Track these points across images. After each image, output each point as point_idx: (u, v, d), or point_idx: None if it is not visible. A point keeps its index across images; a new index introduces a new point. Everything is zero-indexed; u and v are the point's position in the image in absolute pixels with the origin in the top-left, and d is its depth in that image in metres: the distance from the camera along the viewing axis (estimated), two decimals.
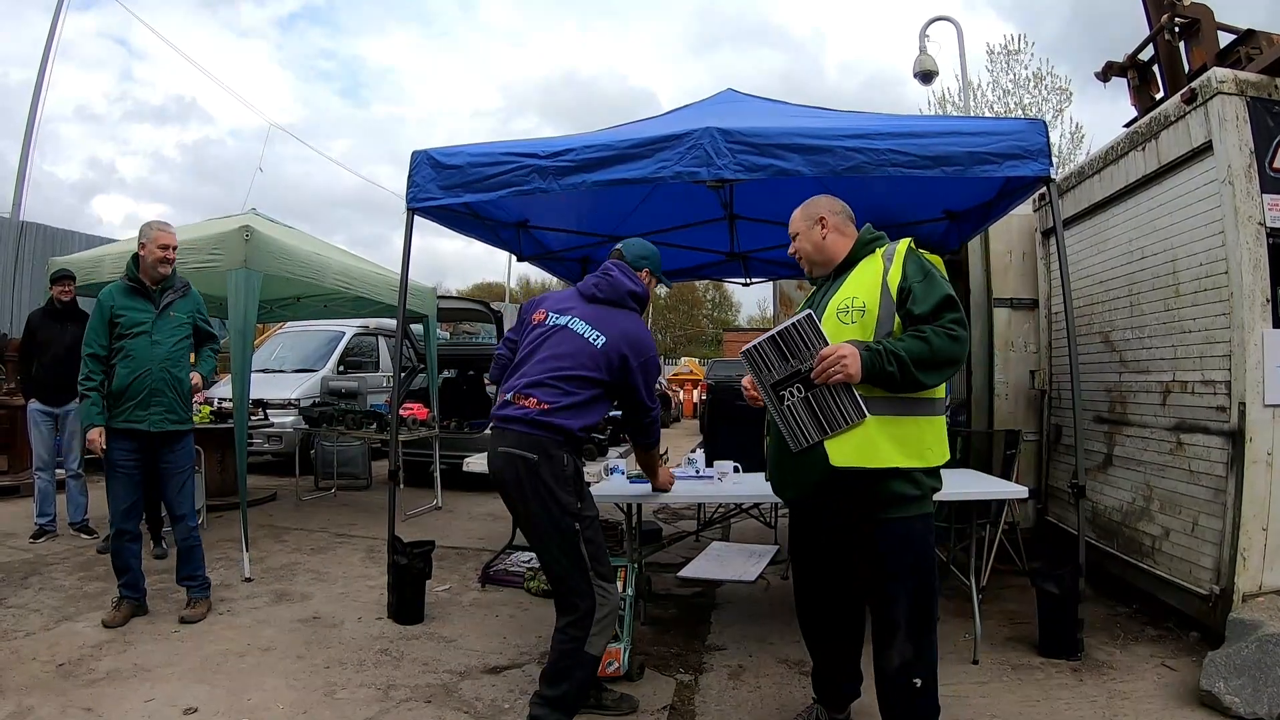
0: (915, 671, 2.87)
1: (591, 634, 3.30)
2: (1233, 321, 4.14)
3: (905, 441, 2.81)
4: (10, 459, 8.55)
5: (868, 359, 2.69)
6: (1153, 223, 4.87)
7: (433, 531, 6.80)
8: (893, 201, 6.18)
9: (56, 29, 14.06)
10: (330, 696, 3.79)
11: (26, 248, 12.49)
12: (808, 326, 2.74)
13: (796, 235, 3.22)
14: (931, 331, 2.73)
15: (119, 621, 4.64)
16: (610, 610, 3.38)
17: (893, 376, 2.69)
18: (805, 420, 2.81)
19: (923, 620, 2.90)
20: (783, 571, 5.85)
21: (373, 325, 12.77)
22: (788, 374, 2.81)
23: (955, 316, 2.77)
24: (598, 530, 3.43)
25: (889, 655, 2.90)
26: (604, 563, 3.41)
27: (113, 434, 4.64)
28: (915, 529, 2.88)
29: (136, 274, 4.78)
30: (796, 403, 2.81)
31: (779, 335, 2.79)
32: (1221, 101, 4.18)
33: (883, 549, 2.87)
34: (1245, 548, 4.02)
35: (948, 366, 2.78)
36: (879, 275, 2.90)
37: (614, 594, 3.43)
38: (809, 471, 2.90)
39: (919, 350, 2.70)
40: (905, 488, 2.82)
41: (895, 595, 2.89)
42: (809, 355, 2.74)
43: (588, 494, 3.49)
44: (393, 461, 5.36)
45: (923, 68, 12.26)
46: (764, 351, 2.83)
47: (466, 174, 4.67)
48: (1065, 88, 20.43)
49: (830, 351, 2.70)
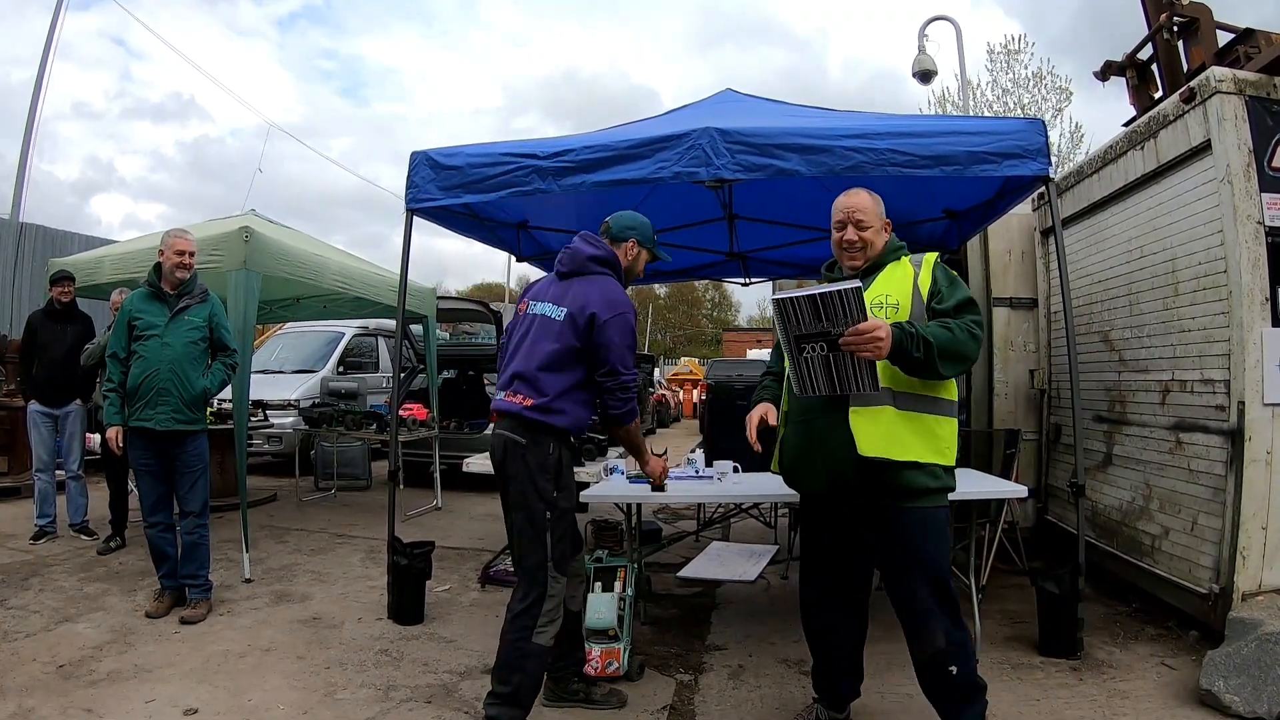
0: (949, 659, 2.97)
1: (539, 625, 3.32)
2: (1232, 320, 4.14)
3: (927, 437, 2.96)
4: (10, 460, 8.55)
5: (898, 338, 2.78)
6: (1152, 222, 4.88)
7: (433, 532, 6.81)
8: (892, 201, 6.11)
9: (56, 29, 14.06)
10: (331, 697, 3.79)
11: (26, 248, 12.47)
12: (853, 298, 2.74)
13: (865, 226, 3.18)
14: (956, 325, 2.89)
15: (162, 612, 4.84)
16: (556, 603, 3.39)
17: (917, 361, 2.82)
18: (819, 375, 2.90)
19: (945, 604, 3.00)
20: (782, 571, 5.86)
21: (372, 326, 12.76)
22: (816, 331, 2.83)
23: (976, 317, 2.97)
24: (570, 525, 3.49)
25: (921, 645, 3.02)
26: (566, 558, 3.44)
27: (130, 433, 4.82)
28: (934, 518, 3.01)
29: (157, 280, 4.94)
30: (815, 358, 2.88)
31: (820, 297, 2.78)
32: (1220, 100, 4.19)
33: (904, 537, 2.99)
34: (1245, 546, 4.02)
35: (964, 360, 2.95)
36: (910, 278, 3.08)
37: (560, 587, 3.42)
38: (833, 462, 2.99)
39: (944, 339, 2.83)
40: (926, 480, 2.96)
41: (916, 582, 2.99)
42: (844, 323, 2.76)
43: (569, 487, 3.50)
44: (392, 462, 5.36)
45: (921, 68, 12.26)
46: (799, 306, 2.84)
47: (466, 175, 4.67)
48: (1065, 87, 20.46)
49: (869, 327, 2.73)
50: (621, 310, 3.43)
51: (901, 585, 3.04)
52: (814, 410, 3.05)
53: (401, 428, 7.41)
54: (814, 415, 3.06)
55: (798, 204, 6.26)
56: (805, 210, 6.42)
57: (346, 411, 8.44)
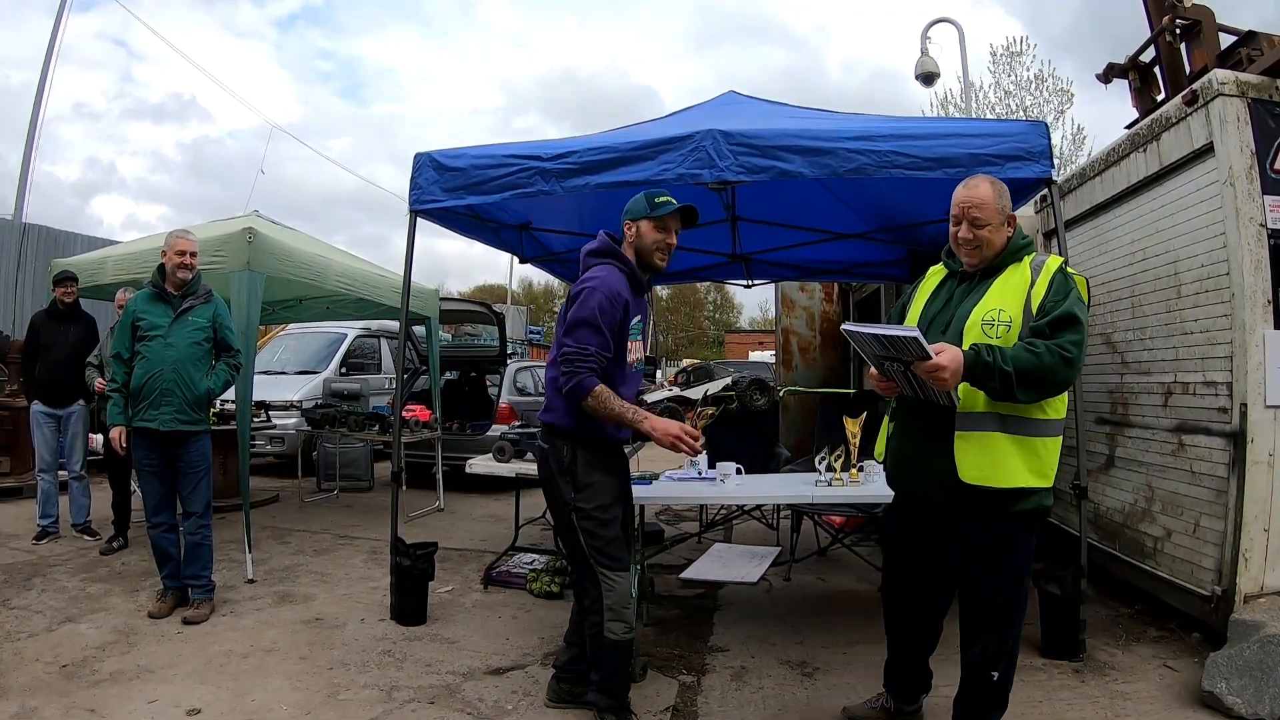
0: (996, 664, 3.00)
1: (606, 620, 3.38)
2: (1234, 323, 4.14)
3: (1031, 459, 2.85)
4: (13, 460, 8.57)
5: (970, 365, 2.70)
6: (1154, 224, 4.87)
7: (435, 533, 6.81)
8: (896, 203, 6.19)
9: (59, 33, 14.11)
10: (333, 697, 3.80)
11: (29, 249, 12.51)
12: (911, 345, 2.69)
13: (982, 224, 3.00)
14: (1045, 348, 2.70)
15: (165, 612, 4.87)
16: (618, 598, 3.40)
17: (993, 390, 2.72)
18: (903, 383, 2.91)
19: (1012, 619, 3.00)
20: (784, 573, 5.86)
21: (375, 327, 12.78)
22: (890, 356, 2.82)
23: (1074, 338, 2.74)
24: (599, 522, 3.43)
25: (974, 645, 3.03)
26: (607, 553, 3.42)
27: (134, 433, 4.84)
28: (1021, 539, 2.97)
29: (161, 281, 4.96)
30: (896, 371, 2.87)
31: (885, 339, 2.76)
32: (1223, 103, 4.18)
33: (991, 554, 2.96)
34: (1247, 549, 4.02)
35: (1052, 387, 2.77)
36: (1024, 288, 2.88)
37: (620, 582, 3.42)
38: (930, 482, 2.99)
39: (1027, 364, 2.68)
40: (1023, 503, 2.88)
41: (992, 594, 2.99)
42: (911, 357, 2.73)
43: (590, 486, 3.43)
44: (395, 463, 5.37)
45: (924, 70, 12.29)
46: (866, 341, 2.88)
47: (470, 176, 4.67)
48: (1067, 89, 20.48)
49: (933, 365, 2.67)
50: (584, 284, 3.38)
51: (977, 591, 3.04)
52: (920, 418, 3.01)
53: (404, 429, 7.42)
54: (916, 426, 3.05)
55: (800, 206, 6.28)
56: (808, 212, 6.44)
57: (349, 413, 8.46)
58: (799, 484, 4.80)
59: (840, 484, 4.51)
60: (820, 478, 4.59)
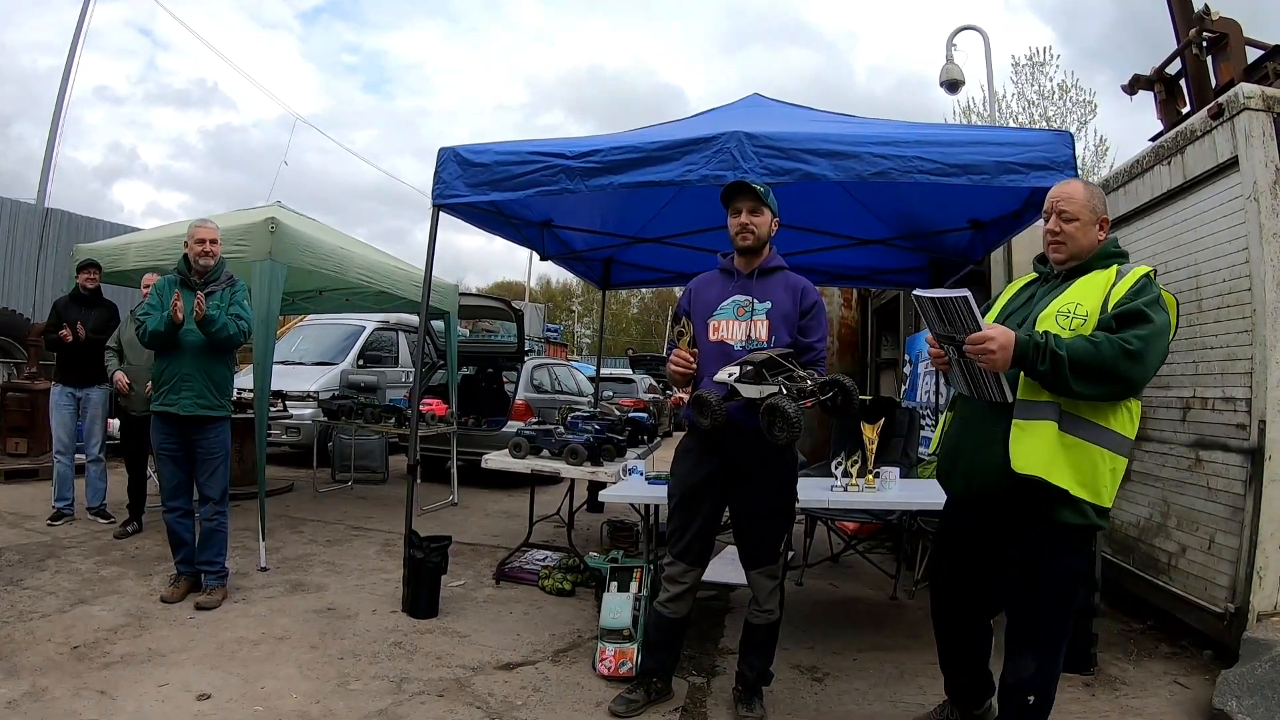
0: (1031, 689, 2.88)
1: (659, 595, 3.81)
2: (1255, 338, 4.12)
3: (1086, 468, 2.71)
4: (30, 442, 8.65)
5: (1022, 347, 2.62)
6: (1176, 238, 4.85)
7: (449, 527, 6.82)
8: (919, 209, 6.18)
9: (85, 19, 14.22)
10: (343, 687, 3.82)
11: (50, 234, 12.60)
12: (961, 306, 2.66)
13: (1070, 218, 2.91)
14: (1106, 339, 2.61)
15: (177, 597, 4.89)
16: (672, 580, 3.70)
17: (1044, 375, 2.63)
18: (958, 376, 2.91)
19: (1052, 643, 2.90)
20: (796, 578, 5.85)
21: (393, 320, 12.84)
22: (946, 334, 2.80)
23: (1139, 331, 2.62)
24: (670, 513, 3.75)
25: (1011, 667, 2.93)
26: (663, 541, 3.83)
27: (155, 416, 4.92)
28: (1065, 556, 2.84)
29: (187, 270, 5.00)
30: (954, 360, 2.86)
31: (938, 301, 2.73)
32: (1248, 117, 4.16)
33: (1032, 565, 2.86)
34: (1261, 566, 3.99)
35: (1111, 381, 2.63)
36: (1106, 286, 2.79)
37: (676, 571, 3.69)
38: (979, 470, 2.92)
39: (1083, 353, 2.59)
40: (1071, 515, 2.75)
41: (1033, 613, 2.90)
42: (963, 330, 2.70)
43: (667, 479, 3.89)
44: (411, 456, 5.39)
45: (949, 77, 12.25)
46: (925, 308, 2.83)
47: (494, 172, 4.70)
48: (1090, 100, 20.41)
49: (980, 337, 2.63)
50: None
51: (1018, 607, 2.95)
52: (978, 410, 2.94)
53: (420, 422, 7.44)
54: (976, 416, 2.96)
55: (823, 211, 6.27)
56: (830, 217, 6.43)
57: (365, 404, 8.51)
58: (815, 489, 4.75)
59: (856, 490, 4.51)
60: (836, 483, 4.59)
